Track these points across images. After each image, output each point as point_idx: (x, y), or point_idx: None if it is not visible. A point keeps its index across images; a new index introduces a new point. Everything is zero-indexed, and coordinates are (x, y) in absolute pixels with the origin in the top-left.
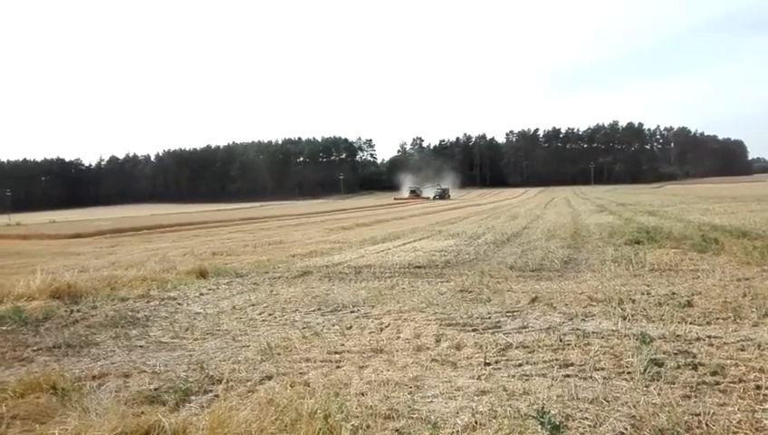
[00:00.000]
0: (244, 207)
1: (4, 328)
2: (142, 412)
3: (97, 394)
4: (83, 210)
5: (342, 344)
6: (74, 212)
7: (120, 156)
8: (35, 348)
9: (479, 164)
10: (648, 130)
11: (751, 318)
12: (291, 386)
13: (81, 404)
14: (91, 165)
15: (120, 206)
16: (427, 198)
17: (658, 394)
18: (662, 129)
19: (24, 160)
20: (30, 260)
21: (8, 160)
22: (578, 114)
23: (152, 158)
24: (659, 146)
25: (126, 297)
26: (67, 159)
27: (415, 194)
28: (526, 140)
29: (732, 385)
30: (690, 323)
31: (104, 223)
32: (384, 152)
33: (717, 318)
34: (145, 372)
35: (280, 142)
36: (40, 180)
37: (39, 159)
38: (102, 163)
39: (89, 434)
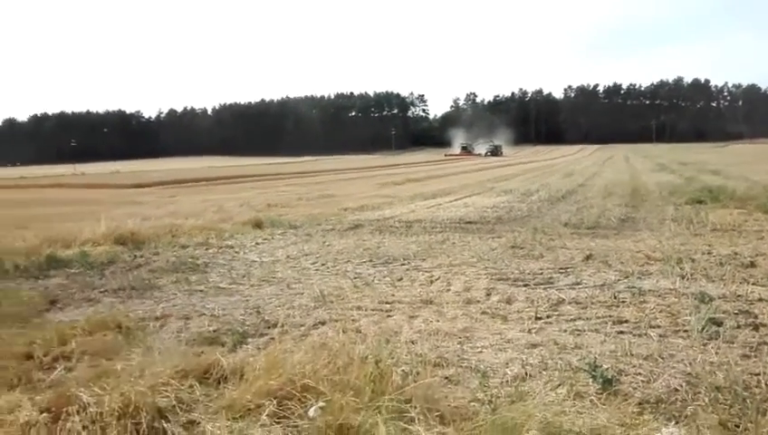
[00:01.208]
0: (297, 161)
1: (72, 271)
2: (202, 352)
3: (159, 334)
4: (144, 161)
5: (393, 295)
6: (135, 163)
7: (179, 109)
8: (102, 290)
9: (534, 120)
10: (715, 86)
11: None
12: (343, 332)
13: (144, 343)
14: (150, 117)
15: (179, 157)
16: (479, 155)
17: (716, 353)
18: (730, 86)
19: (88, 112)
20: (94, 208)
21: (73, 112)
22: (641, 71)
23: (209, 111)
24: (726, 104)
25: (186, 245)
26: (128, 112)
27: (466, 150)
28: (585, 96)
29: None
30: (753, 284)
31: (164, 174)
32: (437, 108)
33: None
34: (204, 314)
35: (332, 97)
36: (102, 132)
37: (102, 111)
38: (162, 116)
39: (151, 370)
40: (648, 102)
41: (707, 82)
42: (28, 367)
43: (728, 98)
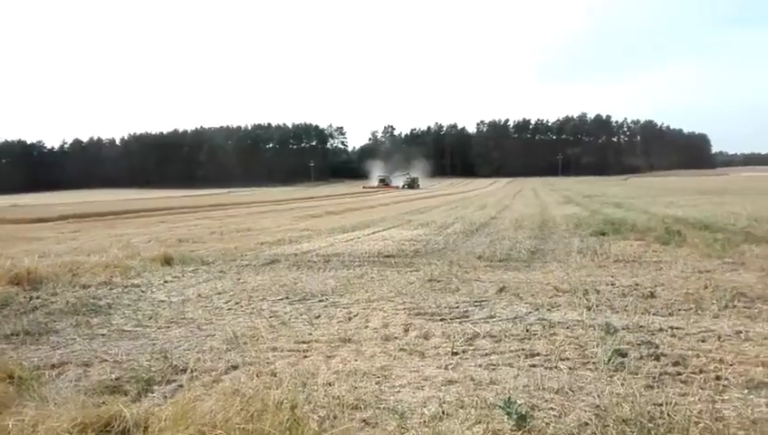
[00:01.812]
0: (212, 194)
1: None
2: (103, 402)
3: (56, 383)
4: (46, 194)
5: (310, 334)
6: (36, 196)
7: (84, 139)
8: None
9: (450, 153)
10: (616, 122)
11: (712, 310)
12: (257, 376)
13: (39, 393)
14: (53, 148)
15: (84, 190)
16: (397, 187)
17: (622, 384)
18: (629, 121)
19: None
20: None
21: None
22: (548, 106)
23: (117, 141)
24: (626, 139)
25: (88, 284)
26: (29, 142)
27: (384, 183)
28: (496, 131)
29: (693, 375)
30: (653, 314)
31: (67, 207)
32: (355, 140)
33: (679, 309)
34: (106, 361)
35: (249, 128)
36: (0, 163)
37: None
38: (66, 146)
39: (46, 425)
40: (554, 137)
41: (609, 117)
42: None
43: (627, 133)
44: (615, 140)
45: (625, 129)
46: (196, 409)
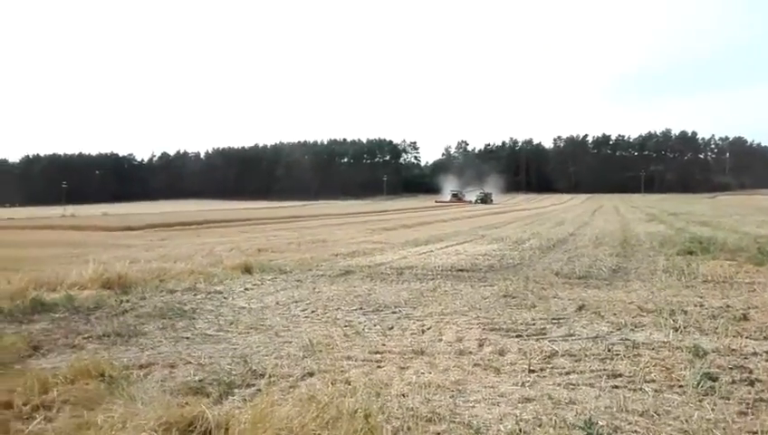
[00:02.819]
0: (289, 206)
1: (57, 315)
2: (186, 403)
3: (143, 383)
4: (134, 204)
5: (383, 344)
6: (126, 205)
7: (171, 152)
8: (86, 336)
9: (525, 169)
10: (702, 139)
11: None
12: (332, 384)
13: (127, 392)
14: (143, 160)
15: (170, 201)
16: (470, 202)
17: (712, 409)
18: (717, 138)
19: (80, 154)
20: (82, 251)
21: (65, 154)
22: (630, 123)
23: (201, 155)
24: (713, 156)
25: (174, 289)
26: (120, 154)
27: (457, 197)
28: (574, 146)
29: None
30: (746, 338)
31: (155, 217)
32: (428, 155)
33: None
34: (190, 363)
35: (325, 143)
36: (94, 174)
37: (94, 153)
38: (154, 159)
39: (134, 422)
40: (636, 154)
41: (694, 134)
42: (7, 417)
43: (715, 150)
44: (702, 156)
45: (712, 145)
46: (273, 413)
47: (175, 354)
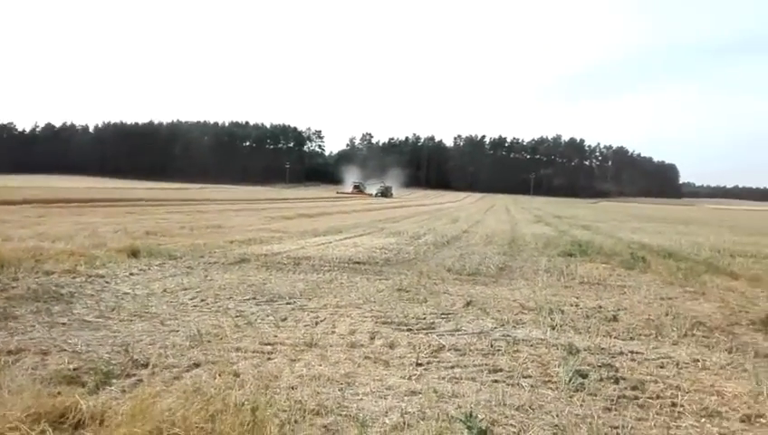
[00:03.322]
0: (184, 188)
1: None
2: (59, 393)
3: (11, 370)
4: (12, 177)
5: (275, 336)
6: (2, 178)
7: (57, 124)
8: None
9: (426, 165)
10: (589, 146)
11: (671, 337)
12: (219, 375)
13: None
14: (24, 130)
15: (53, 175)
16: (371, 195)
17: (581, 405)
18: (602, 146)
19: None
20: None
21: None
22: (523, 126)
23: (90, 128)
24: (598, 163)
25: (51, 271)
26: (0, 122)
27: (358, 189)
28: (473, 146)
29: (650, 401)
30: (615, 338)
31: (34, 191)
32: (333, 145)
33: (640, 334)
34: (65, 350)
35: (226, 124)
36: None
37: None
38: (37, 130)
39: None
40: (528, 157)
41: (582, 141)
42: None
43: (599, 157)
44: (587, 163)
45: (597, 153)
46: (155, 405)
47: (49, 341)
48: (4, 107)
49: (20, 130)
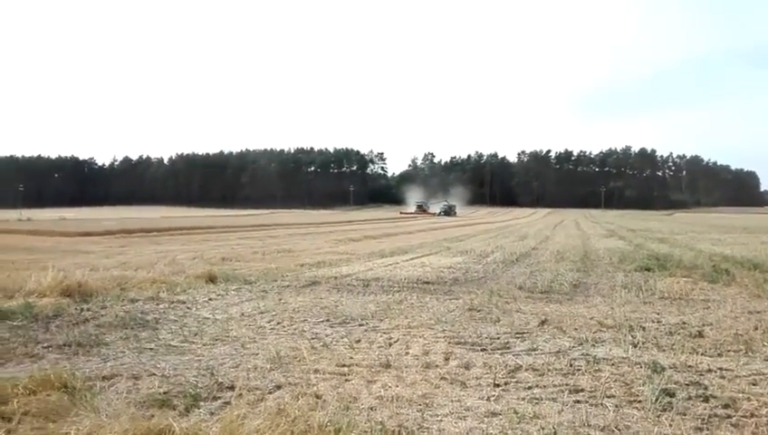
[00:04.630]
0: (254, 214)
1: (15, 323)
2: (152, 415)
3: (107, 395)
4: (94, 209)
5: (351, 357)
6: (85, 210)
7: (134, 157)
8: (46, 345)
9: (489, 182)
10: (661, 156)
11: (762, 352)
12: (300, 397)
13: (91, 404)
14: (104, 165)
15: (131, 206)
16: (434, 214)
17: (670, 425)
18: (674, 156)
19: (39, 157)
20: (40, 257)
21: (22, 156)
22: (591, 139)
23: (165, 160)
24: (671, 173)
25: (136, 298)
26: (81, 158)
27: (421, 209)
28: (538, 161)
29: (744, 419)
30: (701, 354)
31: (114, 223)
32: (395, 166)
33: (729, 350)
34: (154, 374)
35: (292, 151)
36: (53, 177)
37: (53, 156)
38: (115, 163)
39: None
40: (597, 169)
41: (653, 151)
42: None
43: (672, 168)
44: (660, 174)
45: (670, 163)
46: (242, 426)
47: (138, 365)
48: (84, 143)
49: (100, 164)
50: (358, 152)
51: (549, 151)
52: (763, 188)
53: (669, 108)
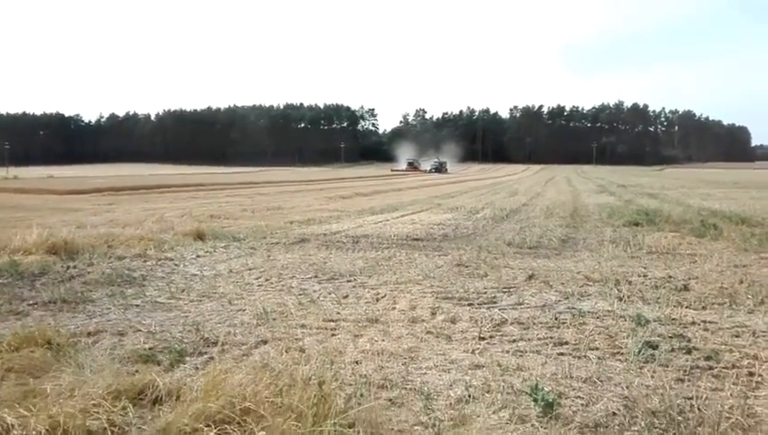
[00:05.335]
0: (243, 171)
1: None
2: (137, 371)
3: (92, 351)
4: (81, 166)
5: (338, 313)
6: (72, 168)
7: (120, 113)
8: (31, 302)
9: (481, 139)
10: (653, 112)
11: (746, 305)
12: (286, 351)
13: (75, 360)
14: (90, 121)
15: (119, 164)
16: (425, 171)
17: (652, 376)
18: (667, 111)
19: (24, 114)
20: (27, 214)
21: (7, 113)
22: (583, 94)
23: (152, 117)
24: (663, 129)
25: (123, 256)
26: (67, 115)
27: (413, 166)
28: (530, 117)
29: (725, 371)
30: (686, 308)
31: (102, 180)
32: (386, 122)
33: (713, 303)
34: (140, 331)
35: (281, 107)
36: (39, 135)
37: (38, 112)
38: (102, 120)
39: (83, 390)
40: (589, 125)
41: (646, 107)
42: None
43: (665, 123)
44: (652, 129)
45: (662, 118)
46: (226, 381)
47: (124, 322)
48: (70, 100)
49: (86, 121)
50: (348, 108)
51: (541, 107)
52: (754, 143)
53: (662, 62)
